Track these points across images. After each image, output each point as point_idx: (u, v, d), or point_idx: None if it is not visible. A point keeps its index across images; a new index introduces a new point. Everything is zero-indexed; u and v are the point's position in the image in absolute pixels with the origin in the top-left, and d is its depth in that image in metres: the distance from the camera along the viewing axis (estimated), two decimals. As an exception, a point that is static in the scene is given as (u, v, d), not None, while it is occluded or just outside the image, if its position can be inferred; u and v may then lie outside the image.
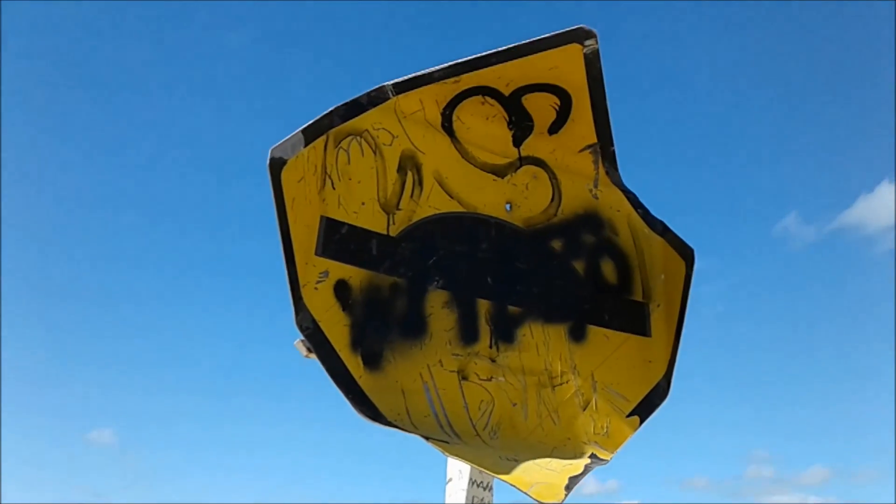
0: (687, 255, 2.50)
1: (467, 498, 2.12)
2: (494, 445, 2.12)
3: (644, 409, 2.39)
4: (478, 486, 2.14)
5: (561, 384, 2.33)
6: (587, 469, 2.09)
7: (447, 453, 1.89)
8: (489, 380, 2.22)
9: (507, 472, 1.93)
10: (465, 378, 2.18)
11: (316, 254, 2.06)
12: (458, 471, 2.16)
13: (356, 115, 2.22)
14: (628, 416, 2.36)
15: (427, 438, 1.94)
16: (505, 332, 2.29)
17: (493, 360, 2.24)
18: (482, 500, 2.13)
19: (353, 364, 2.02)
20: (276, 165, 1.91)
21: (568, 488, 1.93)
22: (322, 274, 2.05)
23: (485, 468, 1.91)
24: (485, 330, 2.26)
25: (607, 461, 2.25)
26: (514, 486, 1.88)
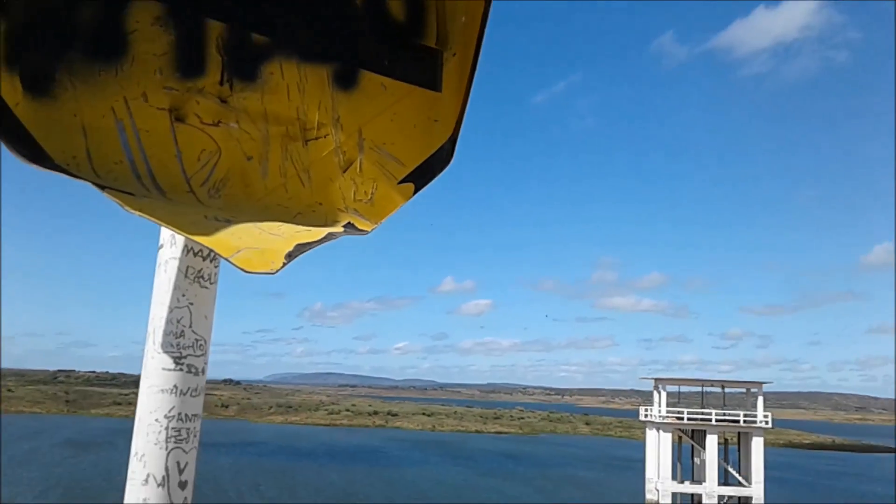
0: None
1: (181, 267, 1.70)
2: (213, 205, 1.68)
3: (421, 176, 1.99)
4: (195, 254, 1.72)
5: (316, 139, 1.87)
6: (330, 237, 1.70)
7: (127, 207, 1.43)
8: (215, 125, 1.72)
9: (209, 234, 1.51)
10: (180, 119, 1.67)
11: None
12: (172, 235, 1.73)
13: None
14: (400, 182, 1.97)
15: (102, 188, 1.46)
16: (244, 68, 1.77)
17: (224, 101, 1.73)
18: (201, 271, 1.72)
19: (8, 87, 1.46)
20: None
21: (291, 255, 1.54)
22: None
23: (176, 227, 1.48)
24: (215, 60, 1.72)
25: (367, 232, 1.88)
26: (214, 249, 1.46)
